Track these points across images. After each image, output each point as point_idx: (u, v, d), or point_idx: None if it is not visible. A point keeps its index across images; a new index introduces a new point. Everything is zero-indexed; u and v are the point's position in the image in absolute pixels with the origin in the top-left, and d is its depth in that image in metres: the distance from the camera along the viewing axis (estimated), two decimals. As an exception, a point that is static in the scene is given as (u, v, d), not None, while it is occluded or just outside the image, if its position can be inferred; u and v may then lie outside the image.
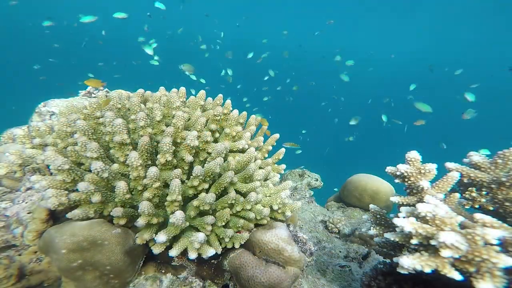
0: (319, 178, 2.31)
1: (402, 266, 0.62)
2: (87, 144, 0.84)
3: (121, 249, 0.80)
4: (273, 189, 1.06)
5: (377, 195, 2.00)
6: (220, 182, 0.92)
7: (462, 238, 0.57)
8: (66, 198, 0.78)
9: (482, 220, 0.60)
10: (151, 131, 0.94)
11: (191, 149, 0.94)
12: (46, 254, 0.82)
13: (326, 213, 2.02)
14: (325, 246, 1.57)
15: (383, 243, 0.87)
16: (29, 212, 0.89)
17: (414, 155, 0.82)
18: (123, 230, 0.83)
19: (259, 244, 0.95)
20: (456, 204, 0.84)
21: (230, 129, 1.14)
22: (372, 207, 0.93)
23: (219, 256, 1.01)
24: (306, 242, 1.12)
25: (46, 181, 0.79)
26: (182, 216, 0.78)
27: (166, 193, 0.89)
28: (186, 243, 0.85)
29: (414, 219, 0.65)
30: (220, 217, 0.90)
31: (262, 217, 0.98)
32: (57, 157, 0.78)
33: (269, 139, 1.30)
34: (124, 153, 0.89)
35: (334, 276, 1.26)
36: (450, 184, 0.79)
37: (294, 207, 1.05)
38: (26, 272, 0.81)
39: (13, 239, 0.85)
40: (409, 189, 0.84)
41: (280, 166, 1.28)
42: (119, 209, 0.80)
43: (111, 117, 0.89)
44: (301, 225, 1.73)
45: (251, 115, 1.28)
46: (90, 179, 0.81)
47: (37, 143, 1.00)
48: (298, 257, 0.93)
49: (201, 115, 1.15)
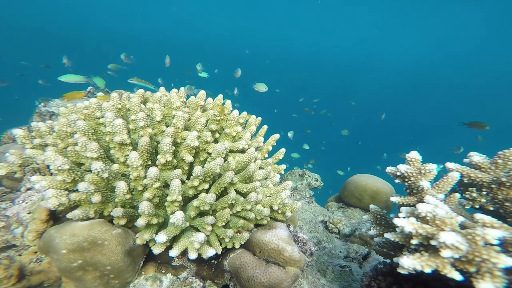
0: (319, 178, 2.31)
1: (402, 266, 0.62)
2: (87, 145, 0.84)
3: (121, 249, 0.80)
4: (273, 189, 1.06)
5: (377, 195, 2.00)
6: (220, 182, 0.92)
7: (463, 238, 0.57)
8: (66, 198, 0.78)
9: (483, 220, 0.60)
10: (151, 132, 0.94)
11: (191, 149, 0.94)
12: (46, 254, 0.82)
13: (326, 213, 2.02)
14: (325, 246, 1.57)
15: (383, 243, 0.87)
16: (29, 212, 0.89)
17: (414, 155, 0.82)
18: (123, 230, 0.83)
19: (259, 244, 0.95)
20: (456, 204, 0.84)
21: (230, 130, 1.14)
22: (372, 207, 0.93)
23: (219, 256, 1.01)
24: (306, 242, 1.12)
25: (46, 182, 0.79)
26: (182, 216, 0.78)
27: (166, 193, 0.89)
28: (186, 243, 0.85)
29: (414, 219, 0.65)
30: (220, 217, 0.90)
31: (262, 217, 0.98)
32: (57, 158, 0.78)
33: (269, 139, 1.30)
34: (124, 153, 0.89)
35: (334, 277, 1.26)
36: (450, 184, 0.79)
37: (294, 207, 1.05)
38: (26, 272, 0.81)
39: (13, 239, 0.85)
40: (409, 189, 0.84)
41: (280, 166, 1.28)
42: (119, 209, 0.80)
43: (111, 118, 0.89)
44: (301, 225, 1.73)
45: (251, 116, 1.28)
46: (90, 179, 0.81)
47: (37, 143, 1.00)
48: (298, 257, 0.93)
49: (201, 115, 1.15)
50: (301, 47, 21.56)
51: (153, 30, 22.04)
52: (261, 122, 1.33)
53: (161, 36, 22.65)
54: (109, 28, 22.20)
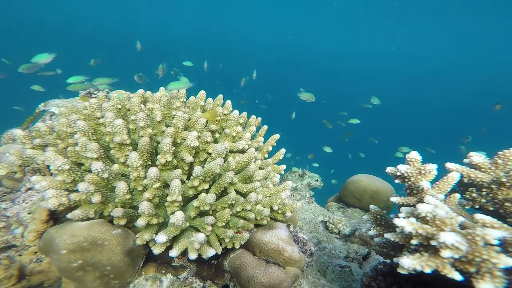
0: (319, 178, 2.31)
1: (402, 267, 0.62)
2: (87, 145, 0.84)
3: (121, 250, 0.80)
4: (273, 190, 1.06)
5: (377, 195, 2.00)
6: (220, 182, 0.92)
7: (463, 239, 0.57)
8: (66, 198, 0.78)
9: (483, 221, 0.60)
10: (151, 132, 0.94)
11: (191, 150, 0.94)
12: (46, 255, 0.82)
13: (326, 214, 2.02)
14: (325, 247, 1.57)
15: (383, 244, 0.87)
16: (29, 212, 0.89)
17: (414, 156, 0.82)
18: (123, 231, 0.83)
19: (259, 245, 0.95)
20: (456, 205, 0.83)
21: (230, 130, 1.14)
22: (372, 207, 0.93)
23: (219, 256, 1.01)
24: (306, 242, 1.12)
25: (46, 182, 0.79)
26: (182, 217, 0.78)
27: (166, 194, 0.89)
28: (186, 243, 0.85)
29: (414, 219, 0.65)
30: (220, 217, 0.90)
31: (262, 218, 0.98)
32: (57, 158, 0.78)
33: (269, 140, 1.30)
34: (124, 154, 0.89)
35: (335, 277, 1.26)
36: (450, 184, 0.79)
37: (294, 208, 1.05)
38: (26, 272, 0.81)
39: (13, 240, 0.85)
40: (409, 189, 0.84)
41: (280, 167, 1.28)
42: (119, 210, 0.80)
43: (111, 118, 0.89)
44: (301, 225, 1.73)
45: (251, 116, 1.28)
46: (90, 180, 0.81)
47: (38, 144, 1.00)
48: (298, 258, 0.93)
49: (201, 115, 1.15)
50: (320, 48, 21.46)
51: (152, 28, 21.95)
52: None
53: (163, 36, 22.58)
54: (101, 27, 21.94)
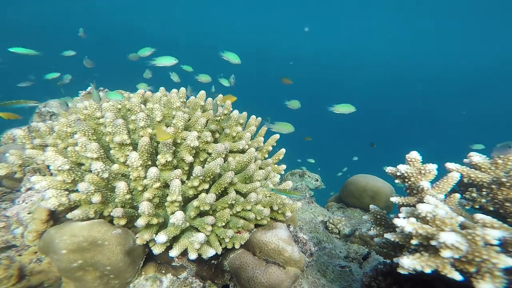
0: (319, 178, 2.31)
1: (402, 267, 0.62)
2: (87, 145, 0.84)
3: (121, 250, 0.80)
4: (273, 190, 1.06)
5: (377, 195, 2.00)
6: (220, 182, 0.92)
7: (463, 239, 0.57)
8: (67, 198, 0.78)
9: (483, 221, 0.60)
10: (151, 132, 0.94)
11: (191, 150, 0.94)
12: (46, 255, 0.82)
13: (327, 214, 2.02)
14: (325, 247, 1.57)
15: (383, 244, 0.87)
16: (29, 212, 0.89)
17: (414, 156, 0.82)
18: (123, 231, 0.83)
19: (259, 245, 0.95)
20: (456, 205, 0.83)
21: (230, 130, 1.14)
22: (372, 207, 0.93)
23: (219, 256, 1.01)
24: (306, 242, 1.12)
25: (46, 182, 0.79)
26: (182, 217, 0.78)
27: (166, 194, 0.89)
28: (186, 243, 0.85)
29: (414, 219, 0.65)
30: (220, 217, 0.90)
31: (262, 218, 0.98)
32: (57, 158, 0.78)
33: (269, 140, 1.30)
34: (124, 154, 0.89)
35: (335, 277, 1.26)
36: (450, 184, 0.79)
37: (294, 208, 1.05)
38: (26, 272, 0.81)
39: (13, 240, 0.85)
40: (409, 189, 0.84)
41: (280, 167, 1.28)
42: (119, 210, 0.80)
43: (112, 118, 0.89)
44: (301, 225, 1.73)
45: (251, 116, 1.28)
46: (90, 180, 0.81)
47: (37, 144, 1.00)
48: (298, 258, 0.93)
49: (201, 115, 1.15)
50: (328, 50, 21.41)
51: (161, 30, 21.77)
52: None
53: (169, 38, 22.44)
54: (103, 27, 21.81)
